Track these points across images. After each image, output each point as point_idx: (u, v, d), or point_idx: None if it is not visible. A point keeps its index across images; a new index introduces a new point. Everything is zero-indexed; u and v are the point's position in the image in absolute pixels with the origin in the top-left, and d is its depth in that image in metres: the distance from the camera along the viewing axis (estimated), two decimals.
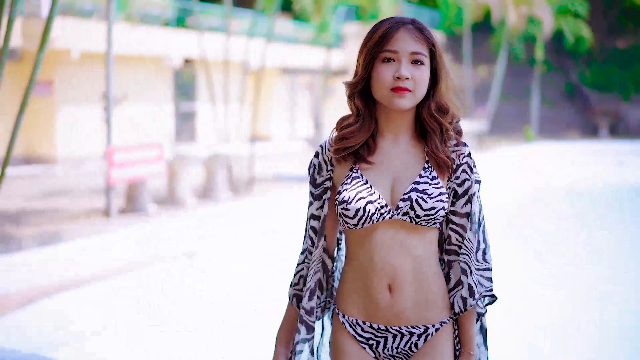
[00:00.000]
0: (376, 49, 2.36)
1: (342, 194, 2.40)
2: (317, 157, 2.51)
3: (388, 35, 2.35)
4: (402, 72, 2.32)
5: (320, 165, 2.49)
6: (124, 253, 10.68)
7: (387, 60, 2.35)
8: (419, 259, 2.43)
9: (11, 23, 6.18)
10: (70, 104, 20.09)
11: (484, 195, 2.82)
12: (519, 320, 7.70)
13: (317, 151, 2.52)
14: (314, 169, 2.51)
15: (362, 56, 2.41)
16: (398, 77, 2.33)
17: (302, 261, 2.57)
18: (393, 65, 2.35)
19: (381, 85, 2.36)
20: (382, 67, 2.36)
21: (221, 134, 17.40)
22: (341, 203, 2.39)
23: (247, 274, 10.23)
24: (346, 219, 2.39)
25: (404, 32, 2.35)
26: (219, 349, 7.11)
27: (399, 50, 2.34)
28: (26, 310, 8.10)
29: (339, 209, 2.40)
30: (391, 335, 2.47)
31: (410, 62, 2.35)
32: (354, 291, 2.48)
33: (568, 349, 6.82)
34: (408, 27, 2.37)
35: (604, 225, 13.34)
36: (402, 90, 2.33)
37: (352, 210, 2.37)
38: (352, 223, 2.39)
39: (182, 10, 24.24)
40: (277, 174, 19.72)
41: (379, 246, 2.40)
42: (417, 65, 2.35)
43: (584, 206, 16.22)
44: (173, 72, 23.86)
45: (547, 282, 9.40)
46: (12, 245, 10.31)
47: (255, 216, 14.05)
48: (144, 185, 13.25)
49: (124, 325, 7.83)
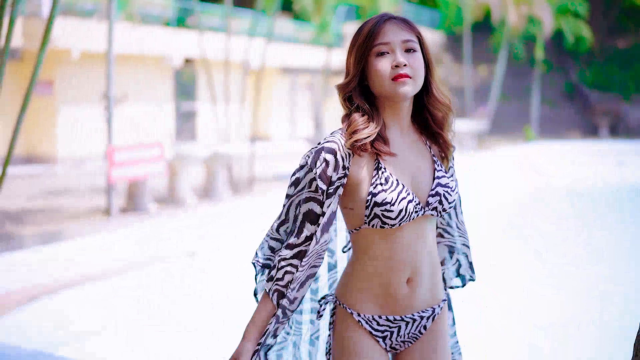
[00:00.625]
0: (367, 45, 2.38)
1: (380, 195, 2.36)
2: (331, 154, 2.36)
3: (376, 30, 2.38)
4: (399, 59, 2.35)
5: (337, 162, 2.36)
6: (125, 252, 10.69)
7: (381, 54, 2.37)
8: (432, 248, 2.50)
9: (12, 23, 6.19)
10: (71, 104, 20.10)
11: (484, 195, 2.89)
12: (518, 321, 7.71)
13: (330, 147, 2.38)
14: (326, 165, 2.36)
15: (353, 55, 2.42)
16: (396, 65, 2.35)
17: (290, 257, 2.42)
18: (388, 56, 2.37)
19: (381, 77, 2.37)
20: (378, 61, 2.37)
21: (221, 134, 17.41)
22: (381, 204, 2.35)
23: (247, 274, 10.24)
24: (386, 220, 2.36)
25: (390, 25, 2.39)
26: (219, 349, 7.11)
27: (391, 41, 2.37)
28: (27, 309, 8.11)
29: (379, 210, 2.36)
30: (404, 323, 2.50)
31: (404, 50, 2.38)
32: (370, 289, 2.47)
33: (569, 349, 6.83)
34: (393, 20, 2.40)
35: (604, 225, 13.34)
36: (403, 76, 2.35)
37: (395, 212, 2.36)
38: (392, 223, 2.37)
39: (182, 10, 24.26)
40: (277, 173, 19.74)
41: (404, 242, 2.42)
42: (411, 53, 2.38)
43: (584, 206, 16.24)
44: (173, 71, 23.87)
45: (547, 282, 9.42)
46: (14, 244, 10.33)
47: (255, 216, 14.06)
48: (145, 184, 13.26)
49: (124, 324, 7.85)
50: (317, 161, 2.36)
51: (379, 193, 2.35)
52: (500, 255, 11.22)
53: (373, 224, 2.38)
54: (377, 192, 2.35)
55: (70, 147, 20.08)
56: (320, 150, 2.37)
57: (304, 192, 2.40)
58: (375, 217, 2.37)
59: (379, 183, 2.36)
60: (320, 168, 2.36)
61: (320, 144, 2.39)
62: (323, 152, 2.37)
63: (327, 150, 2.37)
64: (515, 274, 9.88)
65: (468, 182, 20.24)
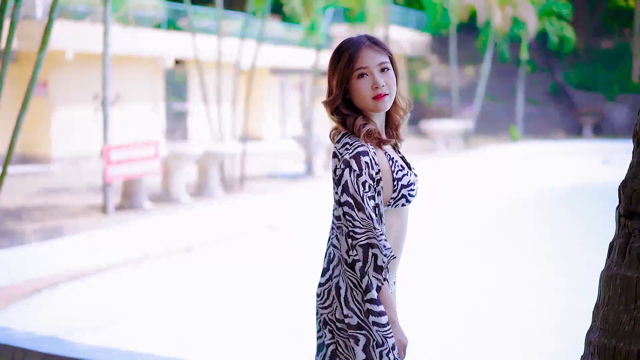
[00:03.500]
0: (348, 69, 2.87)
1: (404, 178, 2.84)
2: (366, 156, 2.76)
3: (354, 56, 2.86)
4: (378, 81, 2.85)
5: (371, 161, 2.77)
6: (122, 248, 11.07)
7: (361, 76, 2.86)
8: None
9: (14, 26, 6.49)
10: (65, 104, 20.43)
11: (472, 195, 3.34)
12: (519, 320, 7.95)
13: (364, 151, 2.77)
14: (366, 167, 2.75)
15: (335, 77, 2.90)
16: (376, 87, 2.85)
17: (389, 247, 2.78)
18: (367, 78, 2.85)
19: (363, 97, 2.85)
20: (359, 83, 2.85)
21: (213, 134, 17.77)
22: (408, 186, 2.84)
23: (241, 268, 10.63)
24: (410, 198, 2.87)
25: (366, 50, 2.87)
26: (215, 341, 7.47)
27: (369, 65, 2.86)
28: (31, 300, 8.49)
29: (406, 191, 2.84)
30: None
31: (380, 71, 2.87)
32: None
33: (569, 349, 7.06)
34: (367, 44, 2.89)
35: (596, 223, 13.42)
36: (382, 96, 2.86)
37: (415, 190, 2.88)
38: (412, 200, 2.89)
39: (173, 12, 24.61)
40: (268, 172, 20.14)
41: (407, 218, 2.94)
42: (385, 72, 2.88)
43: (574, 204, 16.50)
44: (164, 72, 24.20)
45: (547, 282, 9.63)
46: (16, 239, 10.70)
47: (247, 213, 14.45)
48: (140, 182, 13.64)
49: (122, 315, 8.24)
50: (362, 165, 2.78)
51: (403, 177, 2.85)
52: (491, 255, 11.54)
53: (398, 203, 2.85)
54: (401, 177, 2.85)
55: (65, 147, 20.40)
56: (357, 155, 2.78)
57: (365, 194, 2.76)
58: (402, 197, 2.85)
59: (398, 169, 2.86)
60: (366, 171, 2.77)
61: (353, 151, 2.78)
62: (362, 157, 2.77)
63: (363, 154, 2.79)
64: (508, 274, 10.12)
65: (455, 181, 20.58)
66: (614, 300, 2.70)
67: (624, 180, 2.79)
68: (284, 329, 7.70)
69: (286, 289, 9.19)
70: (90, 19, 20.68)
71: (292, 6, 19.90)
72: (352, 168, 2.74)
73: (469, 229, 13.64)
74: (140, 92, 22.85)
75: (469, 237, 12.85)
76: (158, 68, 23.60)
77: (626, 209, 2.75)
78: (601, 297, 2.79)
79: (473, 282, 9.61)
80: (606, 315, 2.73)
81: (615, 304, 2.70)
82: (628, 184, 2.76)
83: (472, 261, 10.95)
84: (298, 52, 28.86)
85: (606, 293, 2.75)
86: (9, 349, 5.21)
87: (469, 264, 10.72)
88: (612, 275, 2.74)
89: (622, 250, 2.73)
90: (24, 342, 5.27)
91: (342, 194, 2.75)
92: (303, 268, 9.73)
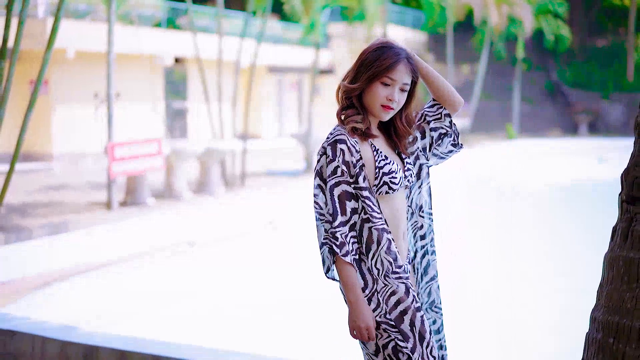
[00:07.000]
0: (381, 72, 3.10)
1: (385, 167, 3.08)
2: (342, 143, 3.05)
3: (392, 66, 3.09)
4: (394, 96, 3.11)
5: (349, 148, 3.04)
6: (127, 243, 11.24)
7: (385, 84, 3.10)
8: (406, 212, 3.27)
9: (22, 25, 6.61)
10: (66, 103, 20.57)
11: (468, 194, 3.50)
12: (519, 320, 8.00)
13: (341, 139, 3.05)
14: (342, 154, 3.04)
15: (365, 72, 3.12)
16: (390, 99, 3.10)
17: (348, 231, 3.04)
18: (388, 88, 3.10)
19: (375, 100, 3.11)
20: (380, 88, 3.10)
21: (213, 131, 17.92)
22: (389, 173, 3.08)
23: (241, 267, 10.77)
24: (392, 185, 3.09)
25: (403, 66, 3.12)
26: (216, 335, 7.60)
27: (397, 80, 3.11)
28: (41, 293, 8.65)
29: (387, 178, 3.07)
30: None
31: (400, 89, 3.12)
32: None
33: (568, 349, 6.95)
34: (405, 62, 3.13)
35: (595, 222, 13.27)
36: (389, 108, 3.12)
37: (397, 178, 3.09)
38: (395, 187, 3.10)
39: (173, 11, 24.76)
40: (267, 169, 20.32)
41: (398, 206, 3.15)
42: (403, 92, 3.14)
43: (572, 203, 16.58)
44: (164, 71, 24.34)
45: (547, 281, 9.72)
46: (23, 235, 10.87)
47: (247, 209, 14.61)
48: (143, 179, 13.81)
49: (127, 308, 8.39)
50: (336, 151, 3.06)
51: (384, 165, 3.10)
52: (489, 252, 11.65)
53: (381, 190, 3.10)
54: (382, 165, 3.10)
55: (65, 145, 20.54)
56: (334, 142, 3.06)
57: (333, 179, 3.05)
58: (384, 184, 3.10)
59: (381, 159, 3.11)
60: (341, 156, 3.04)
61: (331, 139, 3.08)
62: (338, 144, 3.05)
63: (340, 142, 3.06)
64: (506, 273, 10.19)
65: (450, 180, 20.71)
66: (617, 280, 2.90)
67: (626, 168, 2.98)
68: (284, 329, 7.74)
69: (286, 289, 9.26)
70: (91, 17, 20.82)
71: (292, 5, 20.05)
72: (327, 155, 3.04)
73: (467, 228, 13.76)
74: (139, 90, 22.98)
75: (467, 237, 12.94)
76: (158, 66, 23.74)
77: (628, 195, 2.94)
78: (605, 277, 2.98)
79: (472, 282, 9.66)
80: (610, 294, 2.92)
81: (618, 284, 2.89)
82: (630, 172, 2.95)
83: (470, 261, 11.04)
84: (295, 51, 29.02)
85: (609, 273, 2.95)
86: (28, 337, 5.40)
87: (467, 264, 10.80)
88: (615, 256, 2.93)
89: (624, 233, 2.93)
90: (44, 330, 5.46)
91: (315, 177, 3.08)
92: (303, 267, 9.81)
